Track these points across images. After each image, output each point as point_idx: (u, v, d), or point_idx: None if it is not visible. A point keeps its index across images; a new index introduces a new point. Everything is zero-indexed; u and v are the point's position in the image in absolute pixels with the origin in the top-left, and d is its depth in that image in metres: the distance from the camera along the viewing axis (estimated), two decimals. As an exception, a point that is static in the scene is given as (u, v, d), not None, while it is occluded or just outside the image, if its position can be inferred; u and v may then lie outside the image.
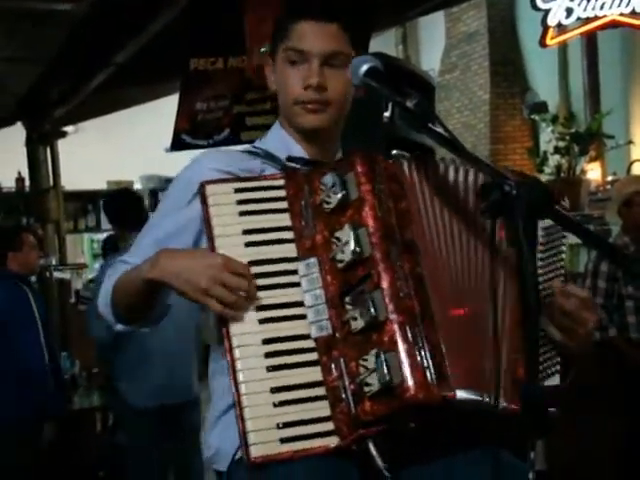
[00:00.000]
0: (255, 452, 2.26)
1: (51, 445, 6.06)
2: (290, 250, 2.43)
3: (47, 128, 9.34)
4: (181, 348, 5.58)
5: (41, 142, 9.36)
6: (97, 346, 5.96)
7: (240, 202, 2.42)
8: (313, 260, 2.40)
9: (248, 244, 2.40)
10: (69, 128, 10.45)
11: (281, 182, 2.47)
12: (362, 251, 2.32)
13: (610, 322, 5.88)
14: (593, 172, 9.58)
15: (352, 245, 2.32)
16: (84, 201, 11.26)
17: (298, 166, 2.55)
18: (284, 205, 2.45)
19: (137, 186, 11.27)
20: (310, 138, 2.62)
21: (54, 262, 9.53)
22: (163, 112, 7.82)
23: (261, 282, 2.37)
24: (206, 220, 2.40)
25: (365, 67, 2.36)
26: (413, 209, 2.41)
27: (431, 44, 12.14)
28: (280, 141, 2.64)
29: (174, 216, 2.57)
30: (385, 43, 11.44)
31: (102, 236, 10.34)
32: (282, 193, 2.46)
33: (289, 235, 2.43)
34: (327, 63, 2.52)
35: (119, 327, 2.63)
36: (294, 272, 2.41)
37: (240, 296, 2.29)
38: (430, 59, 11.96)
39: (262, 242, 2.42)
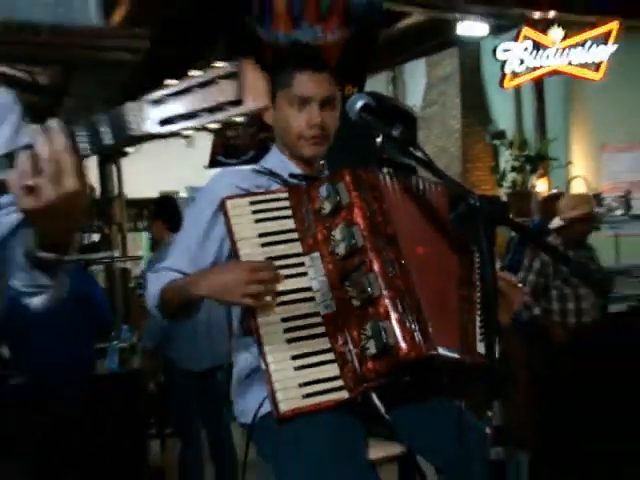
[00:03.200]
0: (283, 407, 2.29)
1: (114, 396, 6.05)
2: (297, 247, 2.46)
3: (113, 149, 9.36)
4: (216, 324, 5.56)
5: (109, 160, 9.39)
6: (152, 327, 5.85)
7: (254, 212, 2.47)
8: (316, 254, 2.44)
9: (263, 244, 2.44)
10: (130, 149, 10.45)
11: (285, 194, 2.52)
12: (356, 243, 2.35)
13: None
14: (541, 186, 9.58)
15: (347, 240, 2.36)
16: (141, 207, 11.26)
17: (297, 181, 2.59)
18: (289, 212, 2.49)
19: (182, 194, 11.28)
20: (307, 161, 2.65)
21: (117, 254, 9.56)
22: (203, 137, 7.79)
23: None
24: (228, 228, 2.43)
25: (360, 103, 2.36)
26: (391, 210, 2.43)
27: (414, 84, 12.12)
28: (280, 162, 2.66)
29: (201, 226, 2.59)
30: (378, 83, 11.44)
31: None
32: (287, 203, 2.50)
33: (295, 235, 2.47)
34: (324, 105, 2.57)
35: (166, 322, 2.72)
36: (302, 264, 2.44)
37: (266, 288, 2.30)
38: (414, 96, 11.94)
39: (274, 242, 2.45)
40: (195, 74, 1.45)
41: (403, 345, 2.26)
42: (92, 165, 9.42)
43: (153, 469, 6.36)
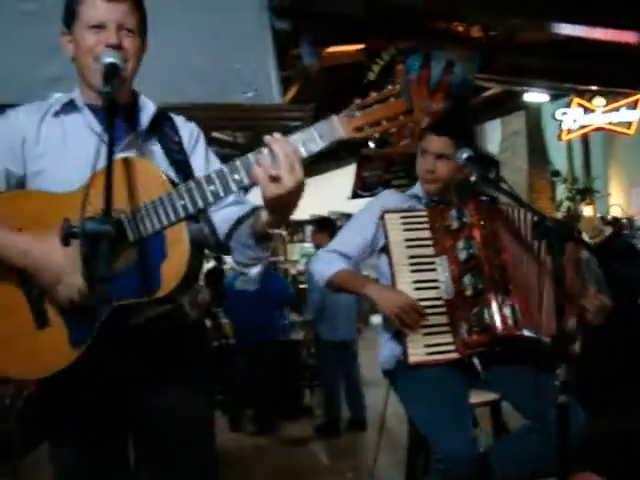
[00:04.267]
0: (412, 359, 2.37)
1: (283, 357, 6.31)
2: (431, 250, 2.49)
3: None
4: (349, 311, 5.67)
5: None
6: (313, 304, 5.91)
7: (403, 223, 2.51)
8: (444, 257, 2.47)
9: (408, 246, 2.48)
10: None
11: (425, 213, 2.55)
12: (473, 252, 2.37)
13: None
14: (588, 211, 9.39)
15: (467, 249, 2.39)
16: (296, 225, 11.40)
17: (435, 204, 2.61)
18: (427, 226, 2.52)
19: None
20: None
21: (281, 259, 9.75)
22: (346, 175, 7.90)
23: (416, 267, 2.43)
24: (385, 233, 2.49)
25: (466, 155, 2.37)
26: (497, 229, 2.44)
27: (493, 137, 11.94)
28: (422, 190, 2.66)
29: (366, 227, 2.62)
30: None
31: (306, 244, 10.56)
32: (426, 219, 2.54)
33: (430, 242, 2.50)
34: (439, 157, 2.54)
35: (323, 296, 2.72)
36: (433, 263, 2.47)
37: (412, 320, 2.35)
38: (492, 145, 11.78)
39: (416, 245, 2.49)
40: (373, 94, 1.43)
41: (499, 326, 2.30)
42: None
43: (305, 407, 6.51)
